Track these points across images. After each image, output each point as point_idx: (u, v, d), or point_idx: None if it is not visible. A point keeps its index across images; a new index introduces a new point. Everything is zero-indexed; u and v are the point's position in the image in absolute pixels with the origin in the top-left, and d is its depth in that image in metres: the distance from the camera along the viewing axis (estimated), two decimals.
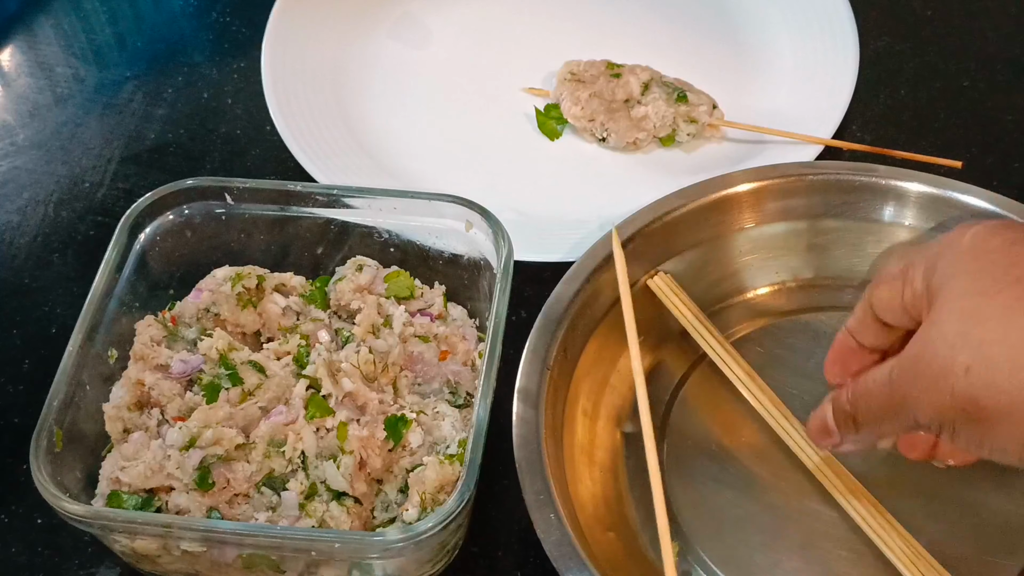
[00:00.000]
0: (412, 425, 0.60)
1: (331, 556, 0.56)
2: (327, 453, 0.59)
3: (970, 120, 0.82)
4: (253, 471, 0.58)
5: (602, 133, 0.79)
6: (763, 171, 0.70)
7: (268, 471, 0.58)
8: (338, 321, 0.66)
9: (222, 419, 0.59)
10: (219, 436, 0.58)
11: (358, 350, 0.62)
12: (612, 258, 0.65)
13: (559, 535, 0.55)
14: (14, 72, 0.88)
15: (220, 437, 0.58)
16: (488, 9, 0.89)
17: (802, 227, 0.70)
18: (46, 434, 0.57)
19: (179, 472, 0.57)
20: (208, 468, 0.57)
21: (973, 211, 0.66)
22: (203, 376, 0.61)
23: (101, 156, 0.81)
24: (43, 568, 0.62)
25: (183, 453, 0.57)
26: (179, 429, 0.58)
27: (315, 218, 0.67)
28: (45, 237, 0.76)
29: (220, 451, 0.58)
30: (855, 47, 0.82)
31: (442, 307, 0.67)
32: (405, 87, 0.84)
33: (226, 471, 0.58)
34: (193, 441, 0.58)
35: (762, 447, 0.63)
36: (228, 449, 0.58)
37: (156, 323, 0.64)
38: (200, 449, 0.57)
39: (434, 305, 0.67)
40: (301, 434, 0.59)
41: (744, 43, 0.86)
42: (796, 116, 0.79)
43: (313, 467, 0.58)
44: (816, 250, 0.70)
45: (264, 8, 0.85)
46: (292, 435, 0.59)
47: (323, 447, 0.59)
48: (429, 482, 0.57)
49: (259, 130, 0.81)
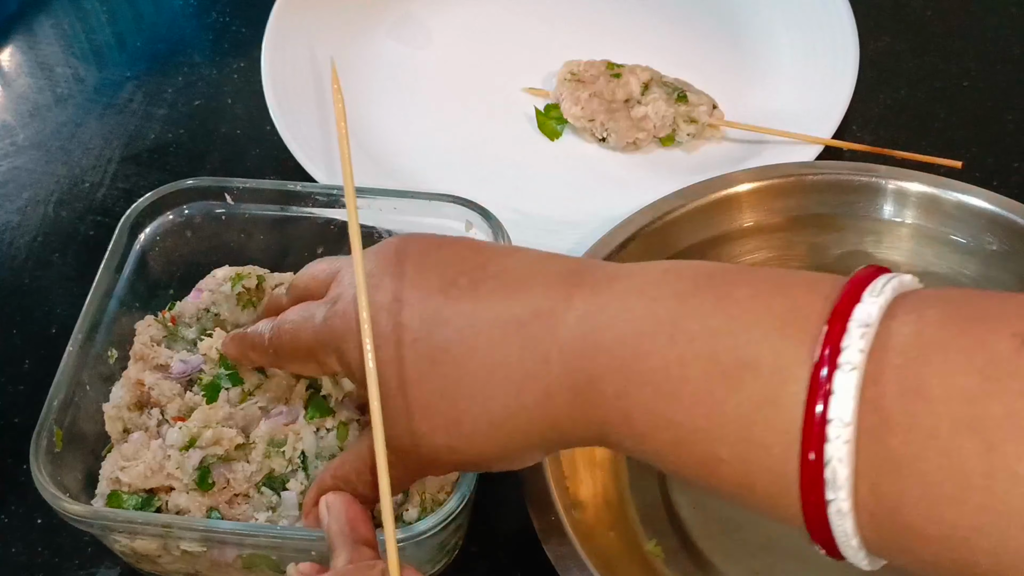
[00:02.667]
0: None
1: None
2: (327, 453, 0.59)
3: (970, 120, 0.82)
4: (253, 471, 0.58)
5: (602, 133, 0.79)
6: (763, 171, 0.70)
7: (268, 471, 0.58)
8: None
9: (222, 419, 0.59)
10: (219, 436, 0.58)
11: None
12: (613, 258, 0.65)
13: (559, 535, 0.55)
14: (14, 72, 0.88)
15: (220, 437, 0.58)
16: (488, 9, 0.89)
17: (802, 227, 0.70)
18: (46, 434, 0.56)
19: (179, 472, 0.57)
20: (208, 468, 0.57)
21: (973, 211, 0.67)
22: (203, 376, 0.61)
23: (101, 156, 0.81)
24: (43, 568, 0.62)
25: (183, 453, 0.57)
26: (179, 429, 0.58)
27: (315, 218, 0.67)
28: (45, 237, 0.76)
29: (220, 451, 0.58)
30: (855, 47, 0.82)
31: None
32: (405, 87, 0.84)
33: (226, 471, 0.58)
34: (193, 441, 0.58)
35: None
36: (228, 449, 0.58)
37: (156, 323, 0.64)
38: (200, 449, 0.57)
39: None
40: (301, 434, 0.59)
41: (744, 43, 0.86)
42: (796, 116, 0.79)
43: (313, 467, 0.58)
44: (816, 250, 0.70)
45: (264, 8, 0.85)
46: (292, 435, 0.59)
47: (323, 447, 0.59)
48: (429, 482, 0.57)
49: (259, 130, 0.81)
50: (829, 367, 0.36)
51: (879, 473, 0.36)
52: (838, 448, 0.36)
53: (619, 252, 0.66)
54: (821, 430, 0.36)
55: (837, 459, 0.36)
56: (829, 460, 0.36)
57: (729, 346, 0.39)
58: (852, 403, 0.36)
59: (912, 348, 0.36)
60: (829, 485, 0.37)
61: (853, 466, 0.36)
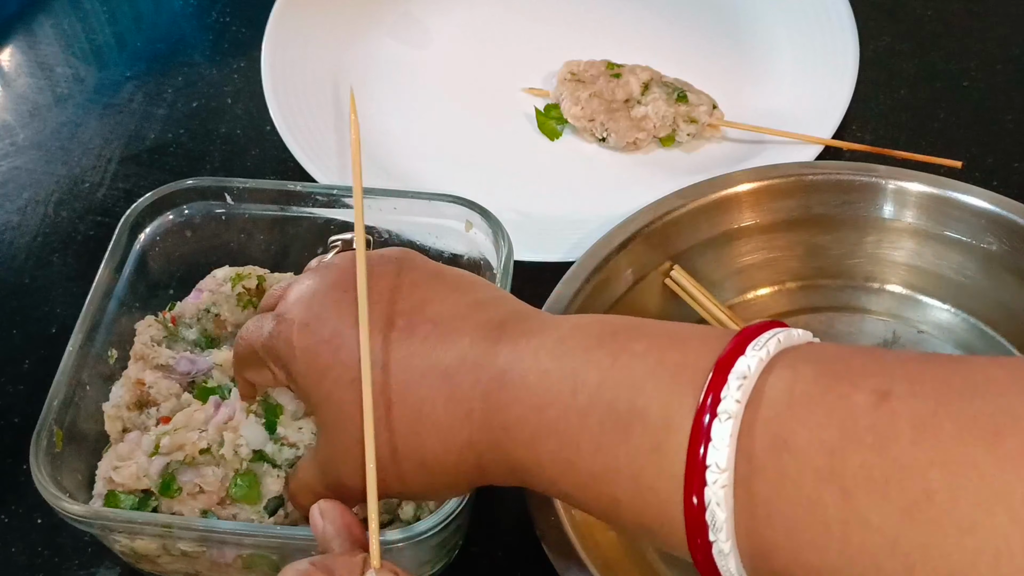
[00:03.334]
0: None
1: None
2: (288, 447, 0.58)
3: (970, 120, 0.82)
4: (223, 475, 0.57)
5: (602, 133, 0.79)
6: (763, 171, 0.70)
7: (233, 471, 0.57)
8: None
9: (202, 422, 0.58)
10: (181, 441, 0.56)
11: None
12: (613, 258, 0.65)
13: (559, 535, 0.55)
14: (14, 72, 0.88)
15: (182, 443, 0.56)
16: (488, 9, 0.89)
17: (802, 227, 0.70)
18: (46, 434, 0.56)
19: (147, 479, 0.56)
20: (172, 475, 0.56)
21: (973, 211, 0.66)
22: (209, 382, 0.61)
23: (101, 156, 0.81)
24: (43, 568, 0.62)
25: (150, 459, 0.57)
26: (152, 434, 0.58)
27: (315, 218, 0.67)
28: (45, 237, 0.76)
29: (181, 456, 0.56)
30: (855, 47, 0.82)
31: None
32: (405, 87, 0.84)
33: (195, 476, 0.56)
34: (158, 447, 0.57)
35: None
36: (191, 454, 0.56)
37: (156, 323, 0.64)
38: (163, 456, 0.56)
39: None
40: (239, 430, 0.57)
41: (744, 43, 0.86)
42: (796, 116, 0.79)
43: (282, 460, 0.57)
44: (816, 250, 0.70)
45: (264, 8, 0.85)
46: (230, 432, 0.57)
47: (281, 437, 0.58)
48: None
49: (259, 130, 0.81)
50: (710, 415, 0.38)
51: (752, 519, 0.38)
52: (715, 492, 0.38)
53: (619, 252, 0.66)
54: (701, 475, 0.38)
55: (715, 503, 0.38)
56: (708, 503, 0.38)
57: (623, 397, 0.42)
58: (728, 450, 0.38)
59: (783, 401, 0.38)
60: (711, 527, 0.39)
61: (731, 510, 0.38)
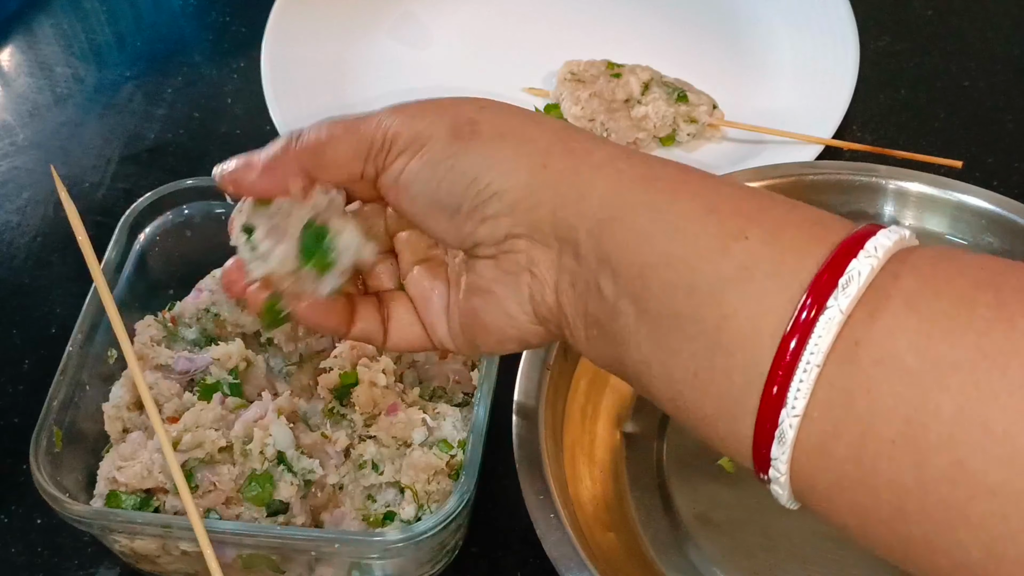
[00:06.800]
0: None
1: (331, 556, 0.56)
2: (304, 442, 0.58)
3: (970, 120, 0.82)
4: (237, 473, 0.57)
5: (602, 133, 0.79)
6: (763, 171, 0.70)
7: (250, 472, 0.57)
8: None
9: (212, 421, 0.58)
10: (201, 439, 0.57)
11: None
12: None
13: (559, 535, 0.55)
14: (14, 72, 0.88)
15: (202, 440, 0.57)
16: (488, 9, 0.89)
17: None
18: (46, 434, 0.57)
19: (162, 476, 0.57)
20: (191, 472, 0.57)
21: (973, 211, 0.66)
22: (207, 379, 0.61)
23: (101, 156, 0.81)
24: (43, 568, 0.62)
25: (163, 457, 0.56)
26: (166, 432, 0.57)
27: None
28: (45, 237, 0.76)
29: (202, 454, 0.57)
30: (855, 47, 0.82)
31: None
32: (405, 87, 0.84)
33: (210, 474, 0.57)
34: (176, 444, 0.57)
35: None
36: (210, 452, 0.57)
37: (156, 323, 0.64)
38: (182, 452, 0.56)
39: None
40: (269, 430, 0.57)
41: (744, 43, 0.86)
42: (796, 116, 0.79)
43: (299, 466, 0.57)
44: None
45: (264, 8, 0.85)
46: (259, 431, 0.57)
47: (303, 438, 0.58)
48: (419, 473, 0.57)
49: (259, 130, 0.81)
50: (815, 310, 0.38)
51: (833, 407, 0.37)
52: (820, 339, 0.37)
53: None
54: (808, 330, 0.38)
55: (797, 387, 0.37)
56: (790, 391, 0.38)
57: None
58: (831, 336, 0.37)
59: (898, 307, 0.37)
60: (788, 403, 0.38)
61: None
